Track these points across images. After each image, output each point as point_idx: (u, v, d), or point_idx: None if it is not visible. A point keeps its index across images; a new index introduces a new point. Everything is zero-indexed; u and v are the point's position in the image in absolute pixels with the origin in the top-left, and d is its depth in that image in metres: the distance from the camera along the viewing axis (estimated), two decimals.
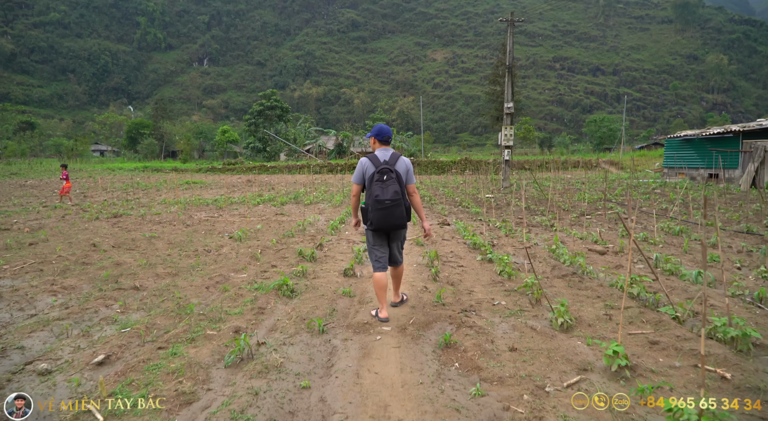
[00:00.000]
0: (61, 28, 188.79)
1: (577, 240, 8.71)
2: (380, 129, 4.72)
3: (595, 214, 12.35)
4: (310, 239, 9.22)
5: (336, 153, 60.07)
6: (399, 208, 4.46)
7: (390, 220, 4.48)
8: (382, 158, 4.60)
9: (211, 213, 14.08)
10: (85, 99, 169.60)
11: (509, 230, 9.79)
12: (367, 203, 4.59)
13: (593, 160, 41.66)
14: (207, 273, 6.45)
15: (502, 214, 13.10)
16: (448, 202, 16.60)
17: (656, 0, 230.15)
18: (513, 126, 19.82)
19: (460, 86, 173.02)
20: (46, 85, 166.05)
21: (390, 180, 4.46)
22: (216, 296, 5.42)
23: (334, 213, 14.02)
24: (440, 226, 11.05)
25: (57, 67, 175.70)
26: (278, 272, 6.35)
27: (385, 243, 4.82)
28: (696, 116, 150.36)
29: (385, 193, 4.40)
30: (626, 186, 19.25)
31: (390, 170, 4.49)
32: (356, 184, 4.72)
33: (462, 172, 38.23)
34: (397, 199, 4.43)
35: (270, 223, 11.79)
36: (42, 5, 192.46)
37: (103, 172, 42.69)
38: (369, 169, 4.57)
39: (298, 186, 26.12)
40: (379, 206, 4.42)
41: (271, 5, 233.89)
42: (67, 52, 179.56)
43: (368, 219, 4.58)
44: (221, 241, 9.03)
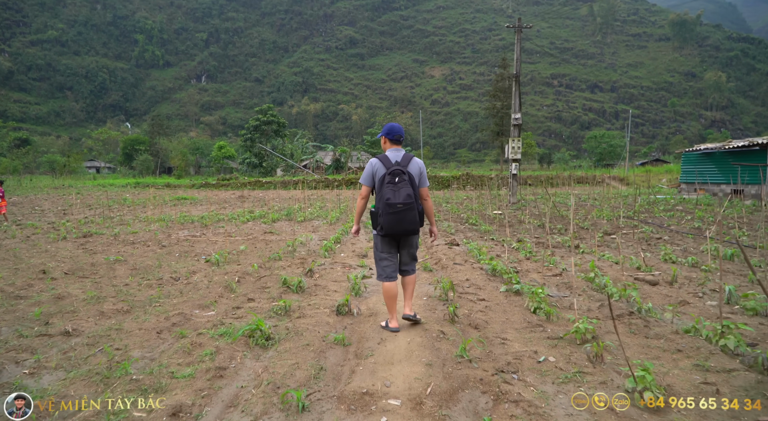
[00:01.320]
0: (58, 46, 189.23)
1: (613, 265, 7.41)
2: (391, 128, 4.46)
3: (620, 233, 11.07)
4: (299, 262, 7.92)
5: (333, 168, 58.97)
6: (411, 212, 4.18)
7: (402, 225, 4.20)
8: (393, 159, 4.35)
9: (194, 231, 12.78)
10: (83, 116, 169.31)
11: (529, 252, 8.50)
12: (377, 207, 4.32)
13: (598, 175, 40.53)
14: (165, 310, 5.13)
15: (516, 232, 11.82)
16: (453, 218, 15.33)
17: (653, 18, 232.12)
18: (521, 138, 18.66)
19: (458, 103, 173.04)
20: (44, 103, 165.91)
21: (402, 182, 4.18)
22: (167, 346, 4.10)
23: (328, 231, 12.73)
24: (449, 246, 9.75)
25: (54, 84, 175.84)
26: (254, 310, 5.05)
27: (395, 250, 4.53)
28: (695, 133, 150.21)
29: (397, 196, 4.14)
30: (643, 202, 18.01)
31: (402, 172, 4.21)
32: (365, 186, 4.44)
33: (463, 188, 37.03)
34: (409, 202, 4.15)
35: (256, 243, 10.49)
36: (40, 23, 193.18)
37: (92, 189, 41.39)
38: (379, 171, 4.32)
39: (293, 202, 24.86)
40: (390, 210, 4.15)
41: (269, 23, 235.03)
42: (64, 69, 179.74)
43: (378, 224, 4.30)
44: (195, 265, 7.72)
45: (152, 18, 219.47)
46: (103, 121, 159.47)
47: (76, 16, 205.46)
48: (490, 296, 5.70)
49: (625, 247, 9.32)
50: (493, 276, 6.76)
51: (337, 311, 5.01)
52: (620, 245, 9.42)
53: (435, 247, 9.68)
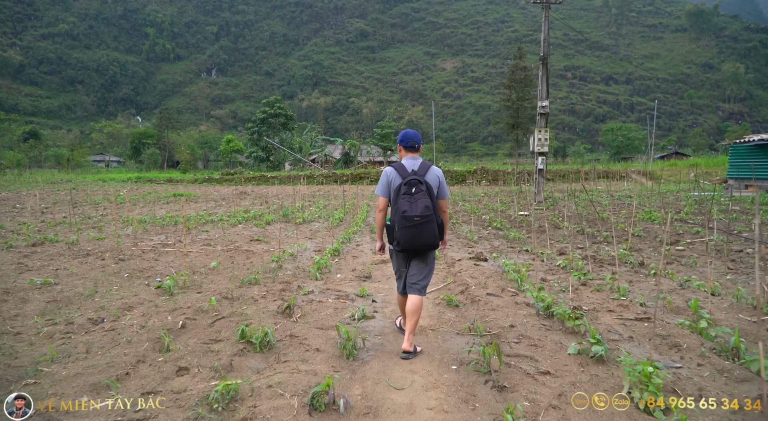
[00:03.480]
0: (69, 40, 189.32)
1: (710, 298, 5.32)
2: (405, 134, 4.12)
3: (685, 243, 8.95)
4: (279, 290, 5.93)
5: (343, 162, 57.06)
6: (430, 225, 3.81)
7: (419, 239, 3.83)
8: (410, 168, 3.99)
9: (170, 237, 10.89)
10: (94, 110, 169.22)
11: (583, 274, 6.43)
12: (393, 220, 3.97)
13: (621, 170, 38.09)
14: (35, 393, 3.18)
15: (552, 240, 9.75)
16: (474, 221, 13.28)
17: (669, 8, 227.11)
18: (548, 129, 16.51)
19: (470, 96, 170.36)
20: (55, 97, 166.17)
21: (419, 193, 3.83)
22: None
23: (328, 238, 10.76)
24: (474, 262, 7.71)
25: (65, 78, 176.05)
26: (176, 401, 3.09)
27: (407, 267, 4.16)
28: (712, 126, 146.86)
29: (414, 208, 3.78)
30: (690, 201, 15.80)
31: (419, 182, 3.86)
32: (382, 198, 4.09)
33: (479, 183, 34.89)
34: (428, 215, 3.78)
35: (236, 256, 8.53)
36: (51, 17, 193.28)
37: (91, 184, 39.80)
38: (395, 181, 3.98)
39: (296, 199, 22.93)
40: (407, 223, 3.78)
41: (279, 15, 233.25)
42: (75, 63, 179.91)
43: (394, 238, 3.96)
44: (140, 294, 5.76)
45: (163, 11, 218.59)
46: (114, 114, 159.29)
47: (87, 10, 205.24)
48: (556, 364, 3.66)
49: (704, 263, 7.23)
50: (546, 318, 4.72)
51: (312, 403, 3.00)
52: (697, 261, 7.32)
53: (457, 263, 7.66)
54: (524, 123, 56.14)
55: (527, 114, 55.54)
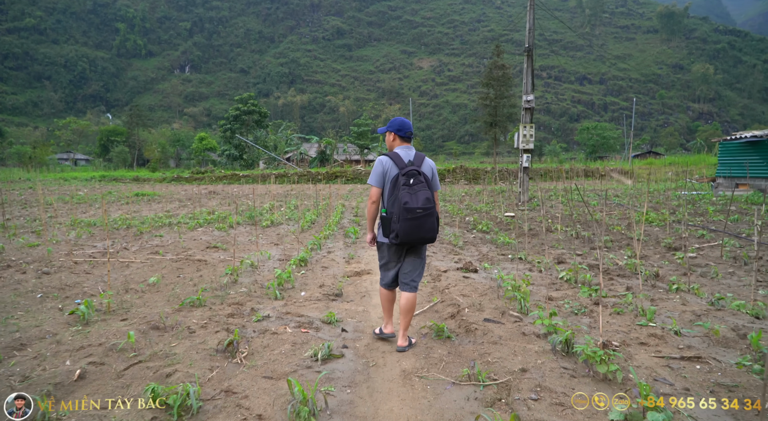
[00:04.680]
0: (36, 34, 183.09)
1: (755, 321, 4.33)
2: (402, 123, 3.94)
3: (694, 248, 8.03)
4: (227, 315, 4.76)
5: (318, 161, 55.66)
6: (431, 218, 3.67)
7: (420, 232, 3.66)
8: (405, 158, 3.82)
9: (115, 244, 9.59)
10: (62, 107, 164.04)
11: (593, 290, 5.39)
12: (390, 212, 3.75)
13: (601, 168, 37.61)
14: None
15: (546, 245, 8.75)
16: (458, 223, 12.22)
17: (641, 10, 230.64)
18: (533, 125, 15.57)
19: (447, 94, 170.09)
20: (21, 93, 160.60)
21: (419, 184, 3.65)
22: None
23: (297, 243, 9.58)
24: (463, 275, 6.62)
25: (32, 73, 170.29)
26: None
27: (400, 262, 3.99)
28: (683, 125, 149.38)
29: (415, 200, 3.60)
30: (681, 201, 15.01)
31: (418, 172, 3.70)
32: (376, 188, 3.86)
33: (457, 182, 33.97)
34: (429, 207, 3.63)
35: (185, 267, 7.30)
36: (17, 11, 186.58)
37: (51, 183, 37.71)
38: (392, 171, 3.79)
39: (268, 199, 21.62)
40: (409, 216, 3.59)
41: (254, 12, 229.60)
42: (42, 58, 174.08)
43: (392, 230, 3.72)
44: (44, 324, 4.51)
45: (134, 6, 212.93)
46: (83, 111, 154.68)
47: (55, 4, 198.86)
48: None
49: (726, 273, 6.29)
50: (566, 357, 3.64)
51: None
52: (718, 271, 6.35)
53: (444, 276, 6.55)
54: (502, 121, 55.66)
55: (505, 112, 55.07)
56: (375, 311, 5.10)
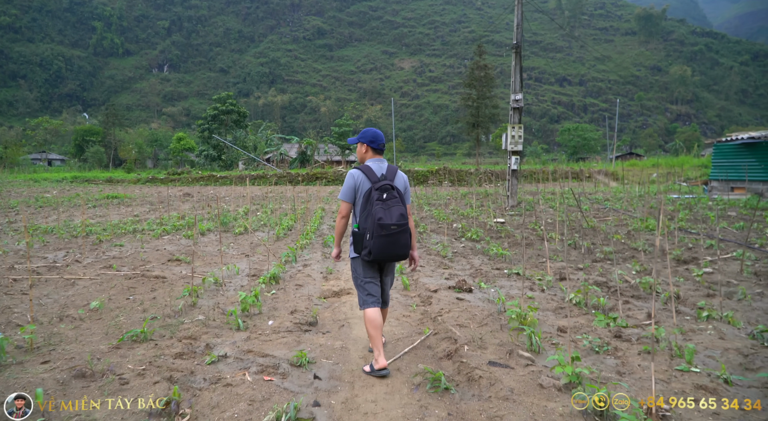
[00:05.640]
0: (11, 33, 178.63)
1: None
2: (375, 135, 3.77)
3: (708, 262, 7.32)
4: (174, 355, 3.88)
5: (299, 162, 54.56)
6: (405, 234, 3.52)
7: (393, 249, 3.50)
8: (378, 172, 3.67)
9: (69, 255, 8.60)
10: (37, 106, 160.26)
11: (610, 318, 4.61)
12: (362, 227, 3.60)
13: (585, 170, 37.24)
14: None
15: (543, 256, 8.00)
16: (445, 230, 11.43)
17: (620, 12, 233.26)
18: (521, 125, 14.88)
19: (428, 95, 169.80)
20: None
21: (393, 199, 3.51)
22: None
23: (270, 254, 8.68)
24: (457, 296, 5.80)
25: (7, 72, 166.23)
26: None
27: (378, 275, 3.79)
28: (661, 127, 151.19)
29: (389, 216, 3.44)
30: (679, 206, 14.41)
31: (391, 187, 3.55)
32: (346, 203, 3.72)
33: (441, 184, 33.27)
34: (403, 223, 3.49)
35: (138, 286, 6.36)
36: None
37: (19, 184, 36.07)
38: (364, 185, 3.63)
39: (245, 201, 20.62)
40: (383, 232, 3.43)
41: (234, 11, 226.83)
42: (17, 57, 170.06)
43: (364, 247, 3.55)
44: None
45: (111, 5, 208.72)
46: (59, 111, 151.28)
47: (31, 2, 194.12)
48: None
49: (756, 296, 5.57)
50: None
51: None
52: (746, 292, 5.63)
53: (435, 297, 5.73)
54: (484, 122, 55.26)
55: (487, 113, 54.67)
56: (356, 348, 4.26)
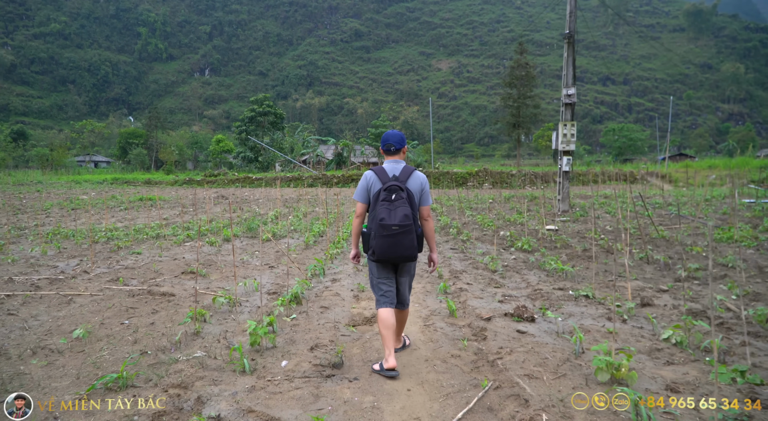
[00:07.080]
0: (61, 39, 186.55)
1: None
2: (385, 138, 3.77)
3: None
4: (156, 412, 2.92)
5: (335, 163, 54.02)
6: (409, 235, 3.48)
7: (396, 250, 3.51)
8: (390, 172, 3.68)
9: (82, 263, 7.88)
10: (85, 110, 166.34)
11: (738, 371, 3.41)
12: (369, 227, 3.68)
13: (635, 172, 35.17)
14: None
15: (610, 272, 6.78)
16: (490, 238, 10.26)
17: (667, 8, 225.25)
18: (574, 123, 13.56)
19: (466, 96, 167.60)
20: (46, 96, 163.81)
21: (399, 200, 3.51)
22: None
23: (296, 266, 7.73)
24: (517, 329, 4.67)
25: (57, 77, 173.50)
26: None
27: (393, 276, 3.78)
28: (712, 126, 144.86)
29: (392, 216, 3.46)
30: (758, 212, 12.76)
31: (400, 188, 3.54)
32: (360, 203, 3.77)
33: (480, 186, 31.92)
34: (406, 224, 3.46)
35: (140, 305, 5.48)
36: (42, 16, 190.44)
37: (61, 186, 36.62)
38: (375, 185, 3.67)
39: (277, 205, 19.90)
40: (384, 232, 3.47)
41: (273, 15, 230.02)
42: (67, 62, 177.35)
43: (370, 247, 3.63)
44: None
45: (155, 11, 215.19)
46: (106, 114, 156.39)
47: (79, 9, 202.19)
48: None
49: None
50: None
51: None
52: None
53: (489, 329, 4.61)
54: (525, 122, 53.58)
55: (528, 113, 52.98)
56: (391, 408, 3.21)
